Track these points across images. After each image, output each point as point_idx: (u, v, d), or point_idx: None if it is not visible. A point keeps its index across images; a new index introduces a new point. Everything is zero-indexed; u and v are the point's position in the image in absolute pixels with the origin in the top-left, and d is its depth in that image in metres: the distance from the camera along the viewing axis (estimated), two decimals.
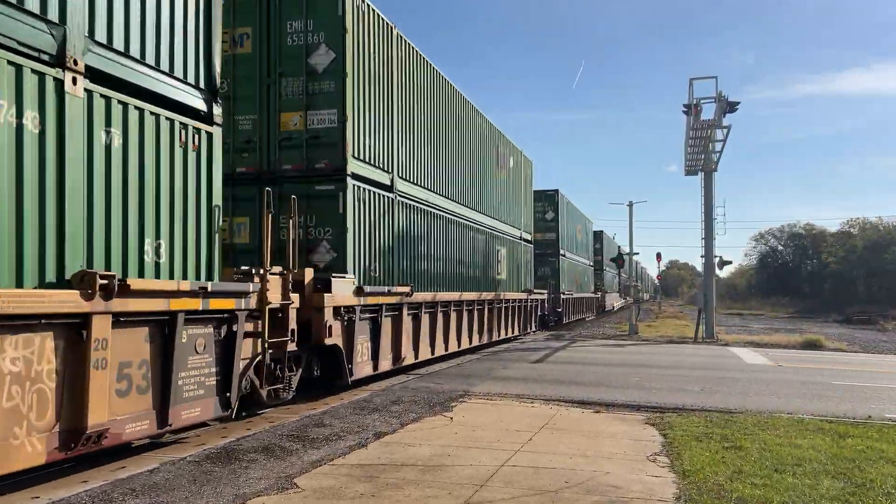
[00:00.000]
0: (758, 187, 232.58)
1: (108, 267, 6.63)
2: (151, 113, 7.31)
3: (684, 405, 11.13)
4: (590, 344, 24.49)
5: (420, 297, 14.54)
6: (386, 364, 13.06)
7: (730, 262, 30.20)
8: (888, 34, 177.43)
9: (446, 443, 8.12)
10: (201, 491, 6.12)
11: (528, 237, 26.68)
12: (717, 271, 28.55)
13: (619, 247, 56.85)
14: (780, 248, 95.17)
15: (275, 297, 9.19)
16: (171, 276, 7.49)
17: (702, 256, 28.35)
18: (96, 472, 6.71)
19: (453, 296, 17.11)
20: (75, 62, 6.36)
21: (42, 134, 6.03)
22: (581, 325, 39.69)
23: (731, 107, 26.70)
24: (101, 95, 6.68)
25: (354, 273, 11.68)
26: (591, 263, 48.30)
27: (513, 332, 24.20)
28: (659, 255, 66.40)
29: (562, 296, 34.70)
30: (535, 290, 27.81)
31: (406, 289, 13.54)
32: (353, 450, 7.72)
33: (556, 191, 34.58)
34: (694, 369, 16.51)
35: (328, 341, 10.55)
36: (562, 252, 34.97)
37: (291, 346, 9.65)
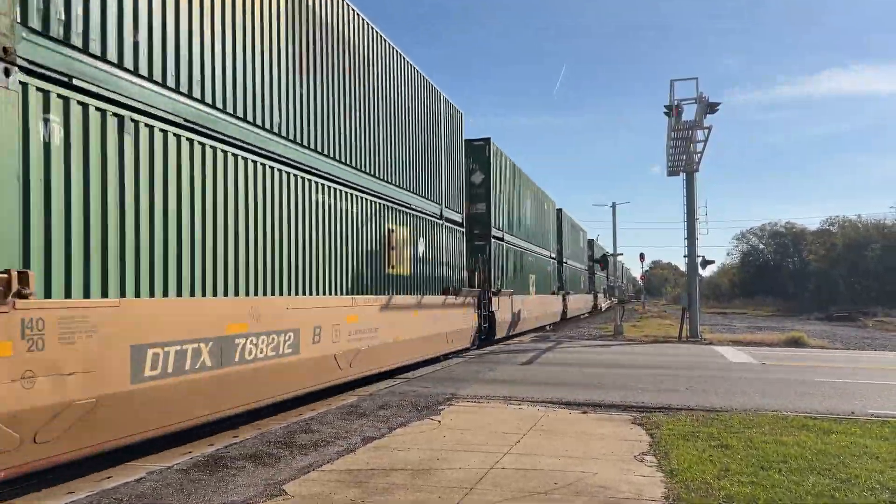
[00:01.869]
0: (742, 188, 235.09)
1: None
2: (439, 224, 17.32)
3: (671, 404, 11.21)
4: (576, 345, 24.58)
5: (515, 295, 26.23)
6: (511, 330, 25.63)
7: (712, 262, 30.37)
8: (868, 35, 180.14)
9: (435, 446, 8.12)
10: (189, 500, 6.07)
11: (554, 255, 36.84)
12: (700, 271, 28.65)
13: (605, 252, 57.97)
14: (762, 246, 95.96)
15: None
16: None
17: (685, 256, 28.55)
18: (82, 483, 6.63)
19: (531, 296, 29.43)
20: (440, 215, 17.15)
21: (433, 241, 16.54)
22: (576, 321, 43.82)
23: (712, 108, 26.77)
24: (444, 224, 17.61)
25: (493, 284, 22.73)
26: (586, 268, 53.51)
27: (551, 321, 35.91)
28: (642, 256, 66.51)
29: (567, 295, 39.72)
30: (559, 291, 37.30)
31: (510, 290, 25.07)
32: (341, 455, 7.70)
33: (560, 209, 39.36)
34: (679, 368, 16.62)
35: (495, 317, 22.66)
36: (564, 260, 40.24)
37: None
